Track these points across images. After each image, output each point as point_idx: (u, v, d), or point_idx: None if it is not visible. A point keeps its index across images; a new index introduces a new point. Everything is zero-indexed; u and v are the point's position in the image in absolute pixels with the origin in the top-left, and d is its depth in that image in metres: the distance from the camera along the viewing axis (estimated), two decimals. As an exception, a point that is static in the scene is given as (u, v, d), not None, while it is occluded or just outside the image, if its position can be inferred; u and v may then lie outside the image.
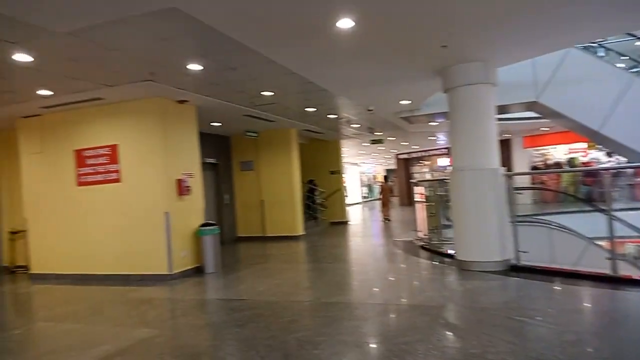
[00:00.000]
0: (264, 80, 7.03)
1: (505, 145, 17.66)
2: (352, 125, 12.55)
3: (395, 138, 17.26)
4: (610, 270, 5.33)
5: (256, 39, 5.16)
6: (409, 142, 20.28)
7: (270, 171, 12.36)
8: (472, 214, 6.53)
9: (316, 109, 9.78)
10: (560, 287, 5.49)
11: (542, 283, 5.63)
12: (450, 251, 7.48)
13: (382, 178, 20.06)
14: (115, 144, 7.71)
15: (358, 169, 32.87)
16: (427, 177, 22.07)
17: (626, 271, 5.46)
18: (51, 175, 8.25)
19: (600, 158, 17.40)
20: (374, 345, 4.02)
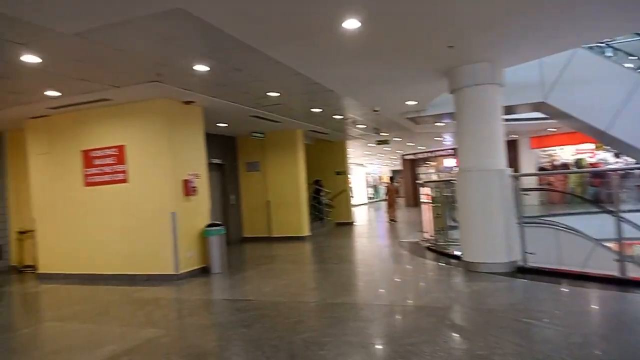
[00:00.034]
0: (270, 81, 7.04)
1: (512, 146, 17.56)
2: (358, 126, 12.54)
3: (401, 139, 17.24)
4: (618, 272, 5.29)
5: (262, 40, 5.17)
6: (415, 143, 20.24)
7: (276, 172, 12.38)
8: (479, 215, 6.51)
9: (322, 110, 9.78)
10: (567, 289, 5.46)
11: (550, 285, 5.60)
12: (456, 252, 7.45)
13: (388, 179, 19.96)
14: (122, 145, 7.75)
15: (364, 170, 32.85)
16: (433, 178, 22.03)
17: (634, 273, 5.40)
18: (59, 175, 8.31)
19: (608, 159, 17.29)
20: (380, 346, 4.01)
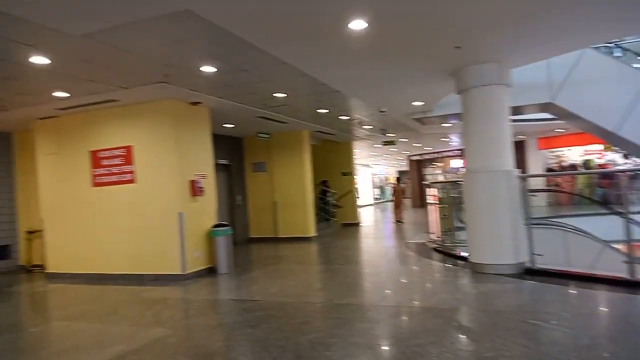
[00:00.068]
0: (277, 81, 7.06)
1: (519, 146, 17.45)
2: (364, 126, 12.52)
3: (407, 139, 17.20)
4: (627, 274, 5.24)
5: (269, 41, 5.18)
6: (422, 144, 20.18)
7: (282, 172, 12.39)
8: (486, 216, 6.48)
9: (328, 111, 9.78)
10: (575, 291, 5.42)
11: (557, 286, 5.56)
12: (463, 253, 7.43)
13: (394, 179, 19.94)
14: (129, 145, 7.80)
15: (370, 171, 32.81)
16: (440, 179, 21.95)
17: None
18: (67, 176, 8.37)
19: (616, 160, 17.15)
20: (386, 347, 4.01)
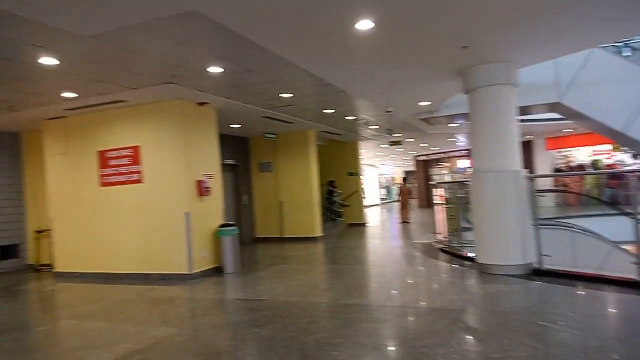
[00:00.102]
0: (283, 82, 7.07)
1: (527, 147, 17.30)
2: (371, 127, 12.51)
3: (414, 140, 17.16)
4: (636, 275, 5.20)
5: (276, 42, 5.19)
6: (429, 144, 20.13)
7: (288, 173, 12.41)
8: (494, 217, 6.45)
9: (335, 111, 9.78)
10: (584, 292, 5.38)
11: (566, 288, 5.52)
12: (470, 254, 7.40)
13: (401, 180, 19.90)
14: (137, 146, 7.84)
15: (376, 171, 32.76)
16: (447, 179, 21.87)
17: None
18: (75, 176, 8.43)
19: (625, 160, 17.01)
20: (393, 348, 4.00)
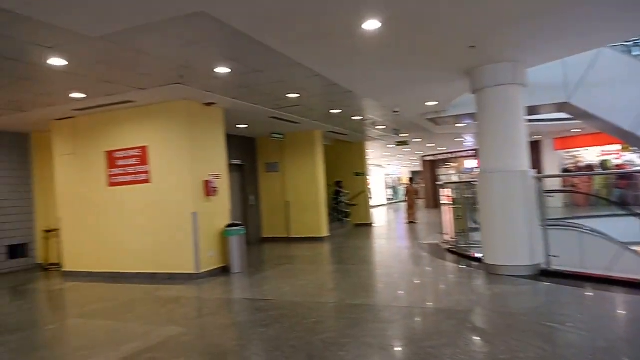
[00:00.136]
0: (290, 82, 7.07)
1: (535, 147, 17.27)
2: (377, 127, 12.49)
3: (421, 140, 17.11)
4: (645, 276, 5.17)
5: (282, 42, 5.19)
6: (435, 144, 20.07)
7: (295, 172, 12.42)
8: (501, 217, 6.42)
9: (341, 111, 9.77)
10: (592, 293, 5.34)
11: (573, 288, 5.48)
12: (477, 255, 7.37)
13: (408, 180, 19.87)
14: (144, 146, 7.88)
15: (383, 171, 32.70)
16: (454, 179, 21.80)
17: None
18: (83, 175, 8.49)
19: (634, 160, 16.86)
20: (399, 348, 3.99)
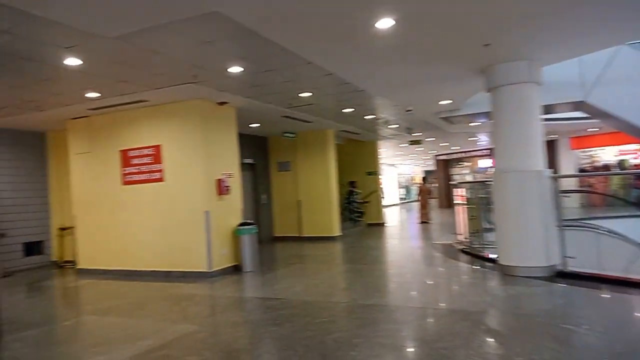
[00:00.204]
0: (302, 81, 7.06)
1: (551, 146, 17.02)
2: (390, 126, 12.43)
3: (434, 139, 16.99)
4: (665, 278, 5.06)
5: (295, 41, 5.19)
6: (449, 143, 19.91)
7: (307, 172, 12.41)
8: (516, 217, 6.33)
9: (354, 110, 9.74)
10: (609, 295, 5.25)
11: (590, 290, 5.39)
12: (492, 255, 7.28)
13: (421, 179, 19.75)
14: (158, 145, 7.94)
15: (395, 170, 32.56)
16: (468, 179, 21.61)
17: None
18: (98, 174, 8.58)
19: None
20: (412, 349, 3.96)
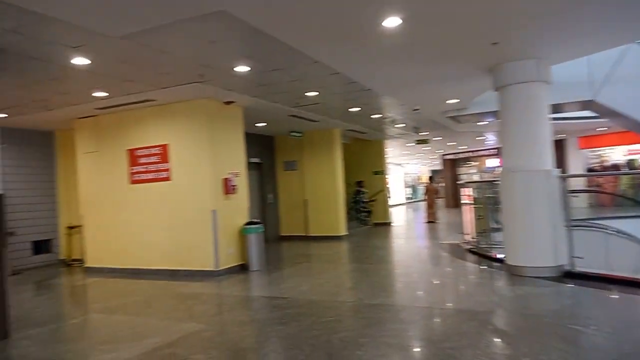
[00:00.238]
0: (309, 80, 7.05)
1: (559, 145, 16.88)
2: (397, 125, 12.39)
3: (441, 138, 16.92)
4: (675, 279, 5.00)
5: (302, 40, 5.18)
6: (456, 142, 19.82)
7: (313, 171, 12.40)
8: (524, 217, 6.29)
9: (360, 109, 9.72)
10: (617, 296, 5.20)
11: (598, 291, 5.35)
12: (499, 255, 7.24)
13: (427, 179, 19.70)
14: (165, 144, 7.96)
15: (402, 170, 32.48)
16: (475, 179, 21.52)
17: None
18: (105, 173, 8.63)
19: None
20: (419, 349, 3.94)
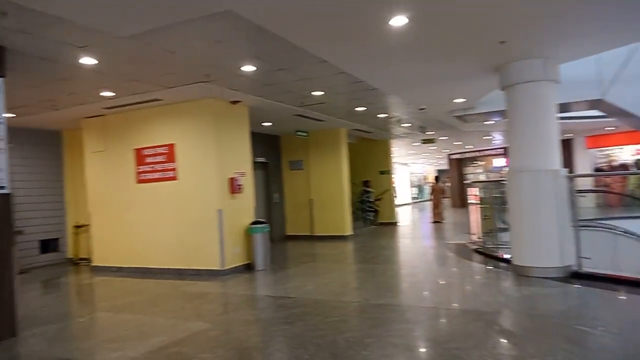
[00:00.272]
0: (315, 79, 7.05)
1: (566, 145, 16.81)
2: (403, 124, 12.37)
3: (447, 137, 16.86)
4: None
5: (308, 39, 5.18)
6: (463, 142, 19.74)
7: (319, 170, 12.40)
8: (531, 217, 6.25)
9: (366, 108, 9.71)
10: (625, 297, 5.16)
11: (605, 291, 5.31)
12: (506, 255, 7.21)
13: (433, 178, 19.65)
14: (172, 144, 8.00)
15: (408, 169, 32.41)
16: (482, 178, 21.43)
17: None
18: (112, 172, 8.68)
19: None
20: (425, 349, 3.93)
